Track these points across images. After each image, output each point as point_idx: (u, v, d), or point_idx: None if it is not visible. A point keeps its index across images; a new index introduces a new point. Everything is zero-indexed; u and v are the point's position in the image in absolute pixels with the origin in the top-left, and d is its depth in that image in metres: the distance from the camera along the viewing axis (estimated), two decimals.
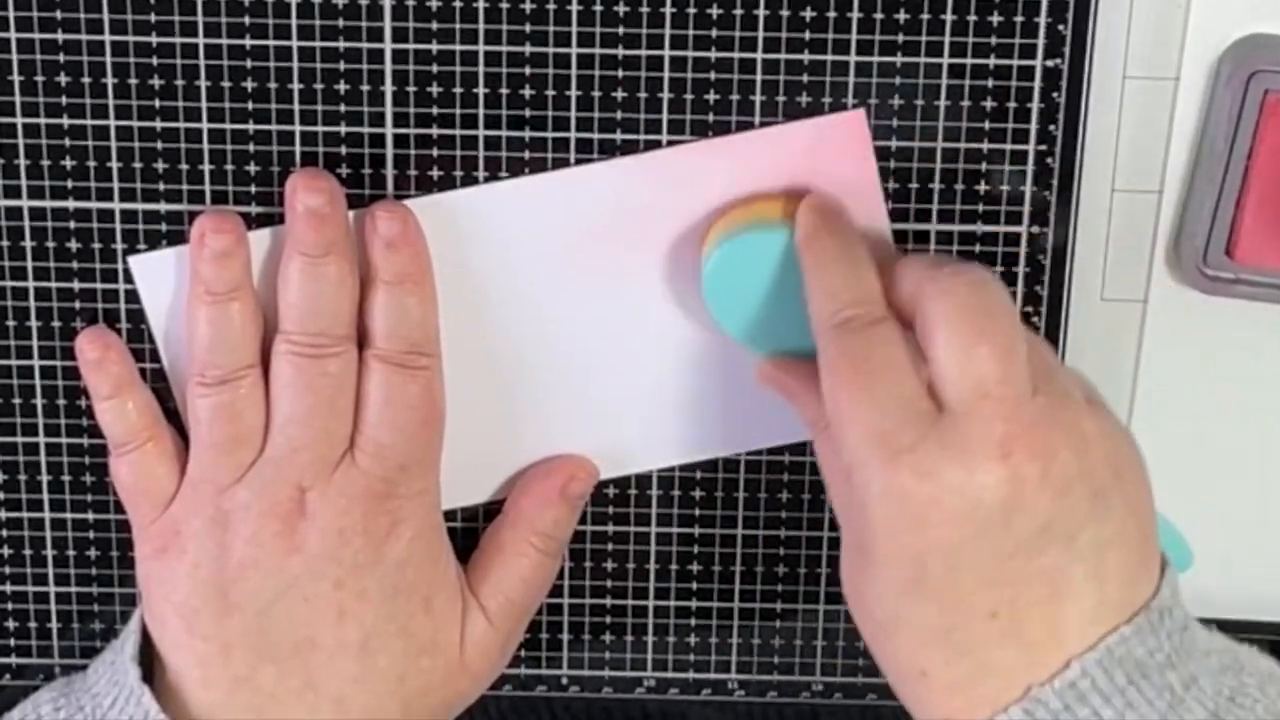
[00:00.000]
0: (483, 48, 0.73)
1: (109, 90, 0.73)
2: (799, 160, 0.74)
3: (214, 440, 0.73)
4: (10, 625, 0.81)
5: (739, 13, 0.72)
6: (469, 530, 0.80)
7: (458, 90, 0.73)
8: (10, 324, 0.76)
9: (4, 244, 0.75)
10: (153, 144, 0.74)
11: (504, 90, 0.73)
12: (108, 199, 0.75)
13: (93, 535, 0.80)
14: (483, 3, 0.72)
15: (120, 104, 0.73)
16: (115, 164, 0.74)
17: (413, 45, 0.73)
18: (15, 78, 0.72)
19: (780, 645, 0.82)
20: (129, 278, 0.76)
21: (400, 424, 0.73)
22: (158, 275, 0.75)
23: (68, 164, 0.74)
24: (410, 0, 0.72)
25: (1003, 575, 0.65)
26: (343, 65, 0.73)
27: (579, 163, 0.75)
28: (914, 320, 0.67)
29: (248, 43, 0.72)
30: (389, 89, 0.73)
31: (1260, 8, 0.73)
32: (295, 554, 0.73)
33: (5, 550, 0.80)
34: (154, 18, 0.72)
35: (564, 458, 0.79)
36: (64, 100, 0.73)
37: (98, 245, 0.75)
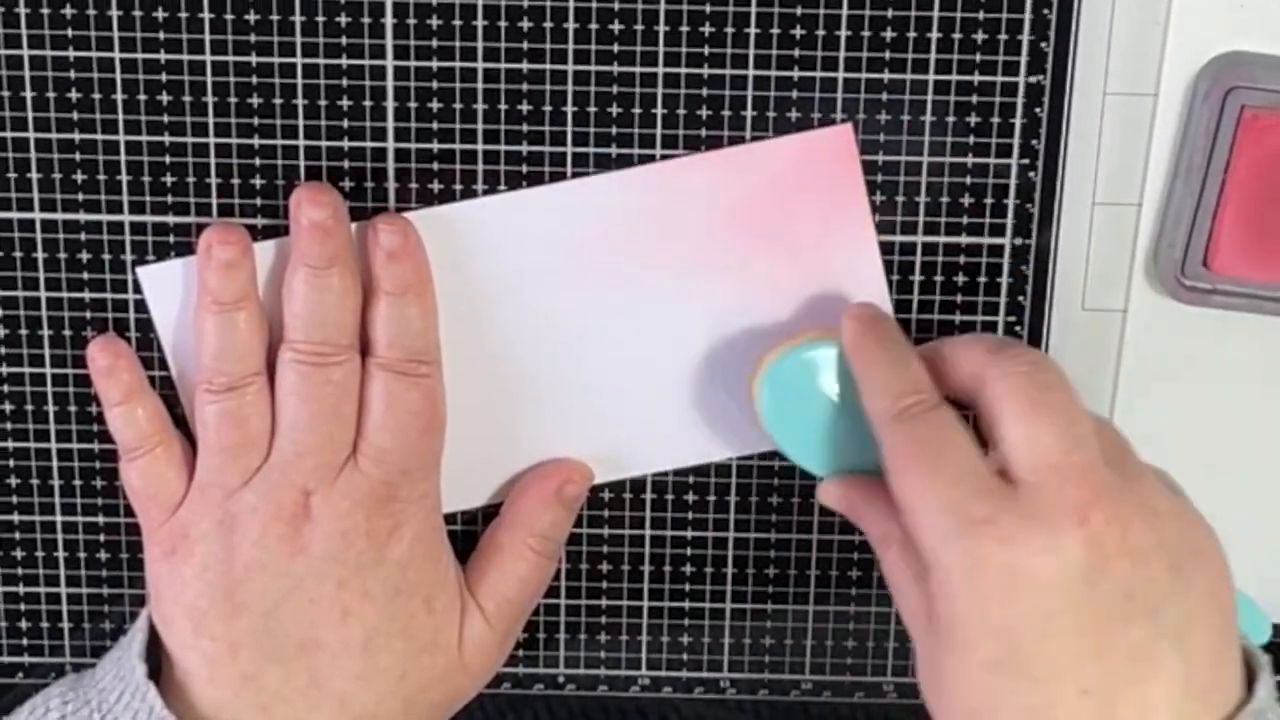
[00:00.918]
0: (481, 65, 0.73)
1: (119, 105, 0.73)
2: (789, 173, 0.75)
3: (221, 445, 0.73)
4: (23, 625, 0.81)
5: (730, 31, 0.72)
6: (469, 532, 0.80)
7: (457, 106, 0.73)
8: (23, 332, 0.76)
9: (17, 254, 0.75)
10: (161, 158, 0.74)
11: (502, 106, 0.73)
12: (117, 211, 0.75)
13: (103, 538, 0.80)
14: (482, 21, 0.72)
15: (129, 119, 0.73)
16: (125, 177, 0.74)
17: (414, 63, 0.73)
18: (28, 93, 0.72)
19: (770, 644, 0.82)
20: (138, 288, 0.76)
21: (402, 429, 0.73)
22: (166, 285, 0.75)
23: (78, 177, 0.74)
24: (411, 19, 0.72)
25: (1091, 648, 0.64)
26: (345, 81, 0.73)
27: (575, 175, 0.75)
28: (976, 404, 0.67)
29: (253, 59, 0.72)
30: (390, 105, 0.73)
31: (1236, 26, 0.73)
32: (300, 556, 0.73)
33: (18, 552, 0.80)
34: (163, 35, 0.72)
35: (560, 462, 0.78)
36: (75, 115, 0.73)
37: (108, 256, 0.75)
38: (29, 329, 0.76)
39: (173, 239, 0.75)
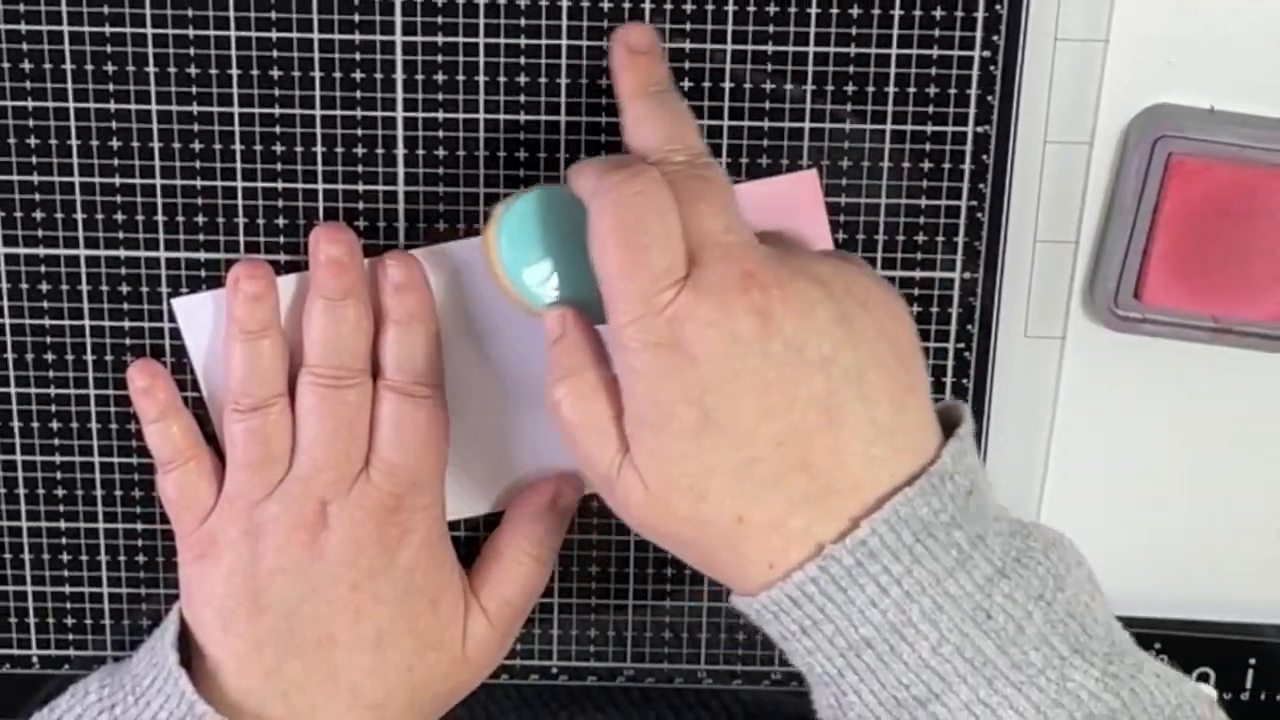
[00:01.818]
0: (483, 116, 0.73)
1: (155, 153, 0.73)
2: (761, 212, 0.73)
3: (247, 460, 0.74)
4: (69, 621, 0.81)
5: (707, 85, 0.73)
6: (471, 538, 0.80)
7: (461, 154, 0.74)
8: (69, 358, 0.77)
9: (63, 287, 0.76)
10: (194, 200, 0.74)
11: (501, 154, 0.74)
12: (154, 248, 0.75)
13: (140, 543, 0.80)
14: (483, 77, 0.72)
15: (165, 165, 0.73)
16: (161, 218, 0.74)
17: (421, 114, 0.73)
18: (73, 142, 0.73)
19: (743, 640, 0.82)
20: (172, 317, 0.76)
21: (409, 445, 0.74)
22: (198, 315, 0.76)
23: (119, 217, 0.74)
24: (419, 75, 0.73)
25: (778, 403, 0.64)
26: (360, 131, 0.73)
27: None
28: None
29: (276, 111, 0.73)
30: (400, 152, 0.74)
31: (1164, 81, 0.74)
32: (318, 561, 0.73)
33: (64, 555, 0.80)
34: (195, 90, 0.72)
35: (554, 474, 0.79)
36: (116, 162, 0.73)
37: (145, 289, 0.76)
38: (74, 354, 0.77)
39: (204, 273, 0.75)
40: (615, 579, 0.81)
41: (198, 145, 0.74)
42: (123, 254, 0.76)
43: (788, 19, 0.72)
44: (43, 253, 0.75)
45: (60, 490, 0.80)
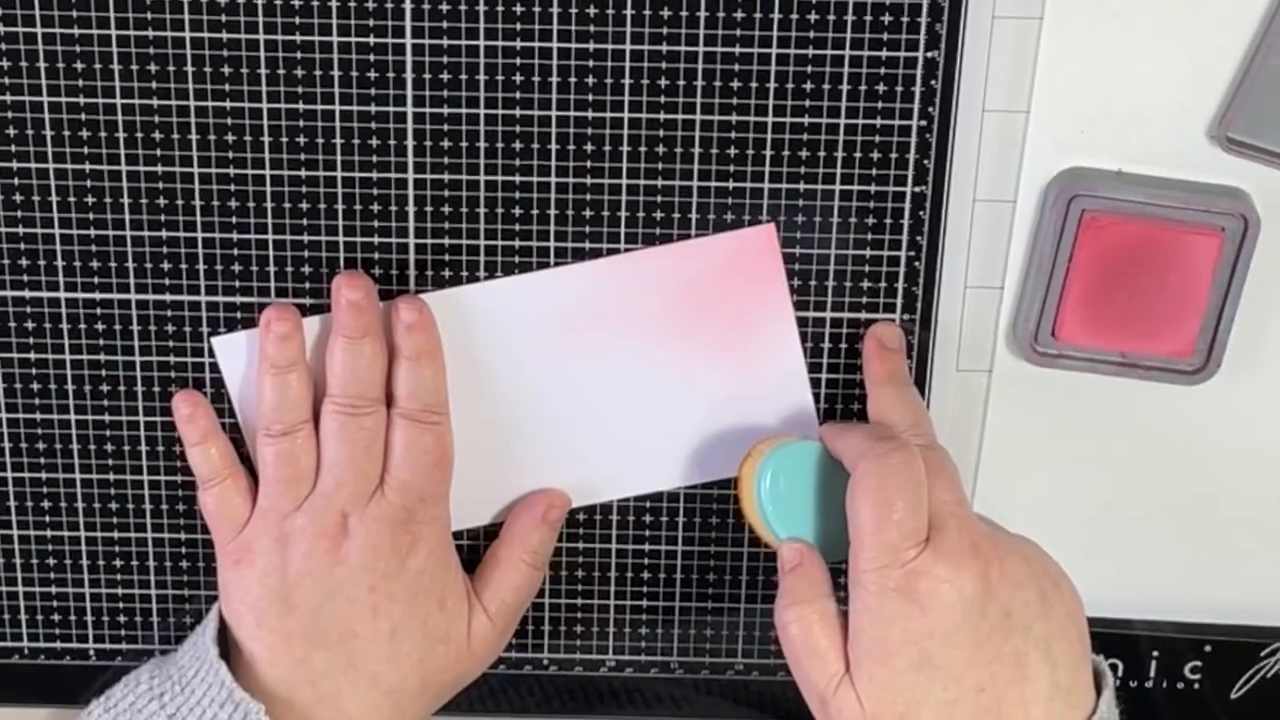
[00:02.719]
0: (483, 177, 0.74)
1: (197, 209, 0.74)
2: (724, 263, 0.76)
3: (278, 478, 0.75)
4: (121, 619, 0.82)
5: (679, 150, 0.74)
6: (473, 546, 0.81)
7: (464, 210, 0.75)
8: (122, 388, 0.78)
9: (117, 327, 0.76)
10: (230, 251, 0.75)
11: (499, 210, 0.75)
12: (196, 293, 0.76)
13: (184, 550, 0.81)
14: (483, 143, 0.73)
15: (205, 220, 0.74)
16: (202, 266, 0.75)
17: (429, 175, 0.74)
18: (125, 200, 0.74)
19: (711, 635, 0.83)
20: (212, 353, 0.77)
21: (418, 465, 0.75)
22: (234, 352, 0.77)
23: (165, 266, 0.75)
24: (428, 141, 0.73)
25: (984, 654, 0.67)
26: (375, 190, 0.74)
27: (556, 265, 0.76)
28: None
29: (303, 173, 0.74)
30: (411, 209, 0.75)
31: (1077, 147, 0.74)
32: (340, 565, 0.75)
33: (117, 561, 0.81)
34: (231, 154, 0.73)
35: (545, 490, 0.80)
36: (162, 217, 0.74)
37: (188, 329, 0.77)
38: (126, 385, 0.78)
39: (239, 315, 0.76)
40: (599, 582, 0.82)
41: (234, 203, 0.74)
42: (169, 298, 0.76)
43: (749, 93, 0.73)
44: (99, 296, 0.76)
45: (114, 504, 0.80)
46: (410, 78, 0.73)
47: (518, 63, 0.73)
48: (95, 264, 0.76)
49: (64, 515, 0.80)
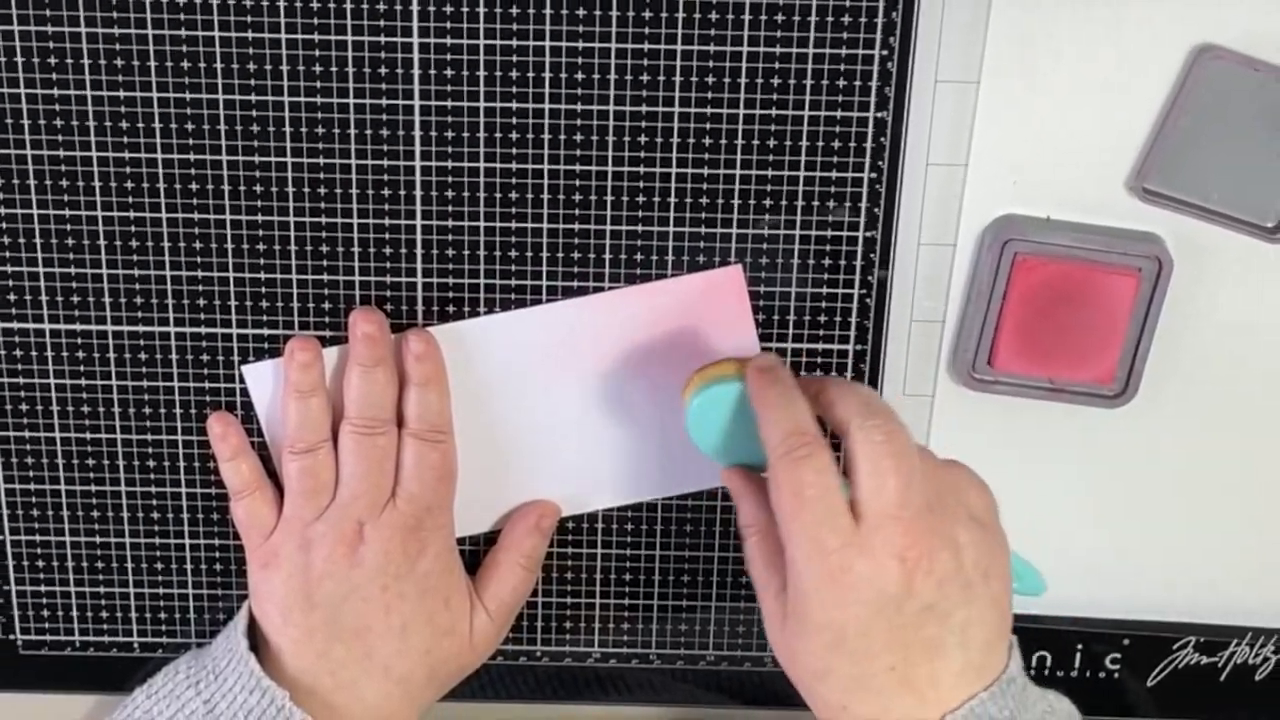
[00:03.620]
0: (483, 224, 0.74)
1: (229, 251, 0.75)
2: (696, 300, 0.76)
3: (301, 490, 0.75)
4: (162, 615, 0.82)
5: (657, 200, 0.74)
6: (474, 551, 0.81)
7: (465, 253, 0.75)
8: (162, 410, 0.78)
9: (158, 357, 0.77)
10: (259, 289, 0.75)
11: (497, 253, 0.75)
12: (228, 326, 0.76)
13: (217, 555, 0.81)
14: (483, 194, 0.74)
15: (236, 261, 0.75)
16: (233, 302, 0.76)
17: (435, 221, 0.74)
18: (165, 243, 0.74)
19: (684, 629, 0.83)
20: (242, 380, 0.77)
21: (426, 479, 0.75)
22: (262, 378, 0.77)
23: (201, 302, 0.75)
24: (434, 192, 0.74)
25: (897, 640, 0.66)
26: (387, 236, 0.74)
27: (547, 301, 0.76)
28: (844, 441, 0.66)
29: (323, 220, 0.74)
30: (419, 252, 0.75)
31: (1010, 197, 0.74)
32: (356, 568, 0.75)
33: (159, 564, 0.81)
34: (259, 203, 0.74)
35: (538, 501, 0.80)
36: (198, 259, 0.75)
37: (221, 358, 0.77)
38: (166, 408, 0.78)
39: (267, 346, 0.76)
40: (585, 583, 0.82)
41: (261, 246, 0.75)
42: (204, 331, 0.76)
43: (719, 148, 0.73)
44: (142, 329, 0.76)
45: (155, 514, 0.80)
46: (418, 134, 0.73)
47: (513, 121, 0.73)
48: (139, 300, 0.76)
49: (111, 523, 0.80)
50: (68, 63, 0.72)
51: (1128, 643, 0.83)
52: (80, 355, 0.77)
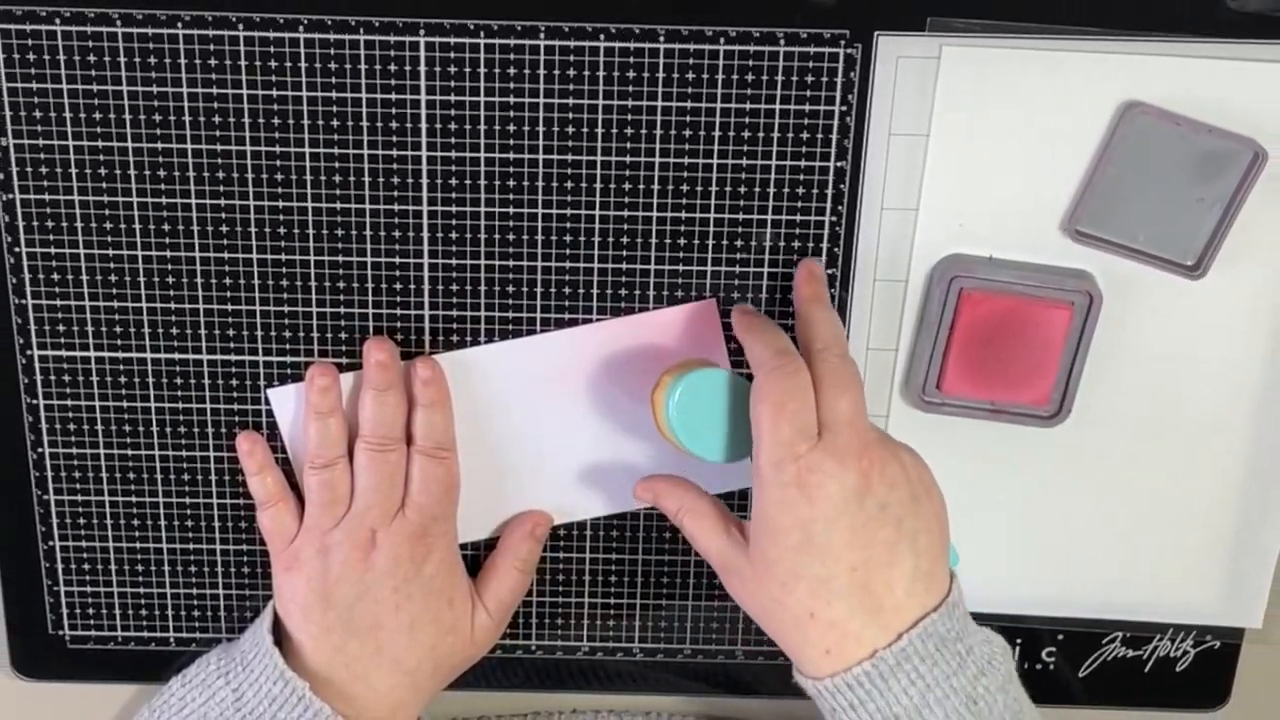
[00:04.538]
0: (484, 262, 0.75)
1: (256, 288, 0.75)
2: (675, 331, 0.76)
3: (320, 501, 0.76)
4: (195, 614, 0.82)
5: (639, 240, 0.74)
6: (475, 555, 0.81)
7: (469, 288, 0.75)
8: (195, 430, 0.78)
9: (191, 381, 0.77)
10: (283, 320, 0.76)
11: (496, 288, 0.75)
12: (255, 354, 0.77)
13: (245, 559, 0.81)
14: (484, 235, 0.74)
15: (263, 296, 0.75)
16: (259, 332, 0.76)
17: (441, 260, 0.75)
18: (199, 280, 0.74)
19: (665, 625, 0.83)
20: (268, 402, 0.78)
21: (432, 491, 0.76)
22: (285, 401, 0.78)
23: (230, 332, 0.76)
24: (440, 233, 0.74)
25: (859, 540, 0.67)
26: (398, 273, 0.75)
27: (541, 332, 0.76)
28: (809, 362, 0.68)
29: (340, 259, 0.74)
30: (426, 288, 0.75)
31: (957, 238, 0.75)
32: (369, 571, 0.75)
33: (192, 568, 0.81)
34: (283, 243, 0.74)
35: (533, 511, 0.80)
36: (228, 294, 0.75)
37: (249, 382, 0.77)
38: (199, 428, 0.78)
39: (290, 371, 0.77)
40: (575, 584, 0.82)
41: (284, 282, 0.75)
42: (233, 358, 0.77)
43: (695, 195, 0.73)
44: (177, 357, 0.77)
45: (189, 522, 0.80)
46: (425, 181, 0.73)
47: (511, 170, 0.73)
48: (175, 331, 0.76)
49: (150, 531, 0.80)
50: (110, 117, 0.73)
51: (1062, 638, 0.83)
52: (123, 380, 0.77)
